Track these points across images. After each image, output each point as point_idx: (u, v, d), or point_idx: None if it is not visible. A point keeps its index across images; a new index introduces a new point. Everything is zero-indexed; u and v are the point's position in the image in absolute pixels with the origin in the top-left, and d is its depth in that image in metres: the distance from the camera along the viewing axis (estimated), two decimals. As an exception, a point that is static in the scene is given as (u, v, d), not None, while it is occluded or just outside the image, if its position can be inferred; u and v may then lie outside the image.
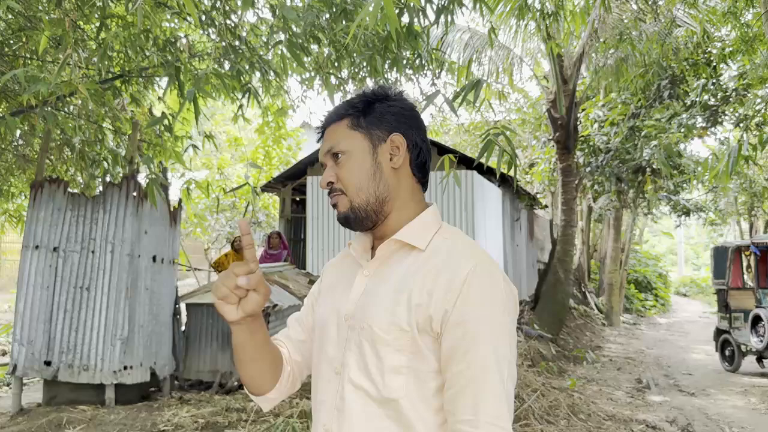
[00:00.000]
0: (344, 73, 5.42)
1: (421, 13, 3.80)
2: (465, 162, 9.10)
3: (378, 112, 1.22)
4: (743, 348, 9.44)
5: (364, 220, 1.20)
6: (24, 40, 6.83)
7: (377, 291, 1.17)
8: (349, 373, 1.15)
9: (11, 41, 6.74)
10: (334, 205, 1.23)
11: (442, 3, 3.93)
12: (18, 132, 8.02)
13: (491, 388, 1.05)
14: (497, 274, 1.12)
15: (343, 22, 4.00)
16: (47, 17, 5.11)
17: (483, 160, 3.13)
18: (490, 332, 1.07)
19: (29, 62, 6.79)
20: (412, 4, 3.49)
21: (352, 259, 1.28)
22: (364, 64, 5.41)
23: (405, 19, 4.23)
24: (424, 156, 1.25)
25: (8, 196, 9.87)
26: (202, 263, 15.45)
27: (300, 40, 3.87)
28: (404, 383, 1.10)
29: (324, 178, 1.23)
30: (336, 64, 4.79)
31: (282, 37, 4.12)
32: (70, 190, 5.92)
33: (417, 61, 5.11)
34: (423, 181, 1.27)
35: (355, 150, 1.20)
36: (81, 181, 8.16)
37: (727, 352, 9.91)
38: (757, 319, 9.05)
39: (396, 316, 1.11)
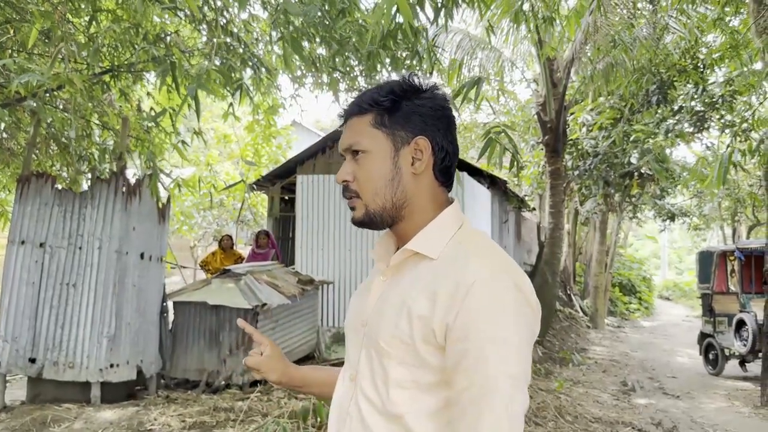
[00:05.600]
0: (339, 72, 5.40)
1: (420, 11, 3.78)
2: (455, 163, 9.10)
3: (404, 112, 1.14)
4: (727, 352, 9.55)
5: (380, 224, 1.17)
6: (11, 32, 6.73)
7: (388, 300, 1.12)
8: (362, 382, 1.13)
9: (-1, 31, 6.63)
10: (352, 208, 1.18)
11: (441, 1, 3.92)
12: (2, 125, 7.90)
13: (493, 413, 0.96)
14: (509, 284, 1.02)
15: (342, 20, 3.97)
16: (37, 9, 5.03)
17: (482, 160, 3.13)
18: (496, 349, 0.98)
19: (17, 54, 6.68)
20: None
21: None
22: (357, 62, 5.39)
23: (400, 18, 4.22)
24: (450, 159, 1.18)
25: (-8, 191, 9.71)
26: (188, 261, 15.33)
27: (299, 35, 3.84)
28: (408, 398, 1.06)
29: (341, 174, 1.17)
30: (335, 60, 4.76)
31: (280, 33, 4.08)
32: (57, 185, 5.83)
33: (411, 60, 5.10)
34: (447, 184, 1.20)
35: (375, 150, 1.14)
36: (66, 176, 8.05)
37: (710, 356, 10.02)
38: (741, 324, 9.16)
39: (398, 329, 1.06)
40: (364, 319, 1.17)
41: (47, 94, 6.32)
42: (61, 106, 7.48)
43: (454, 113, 1.24)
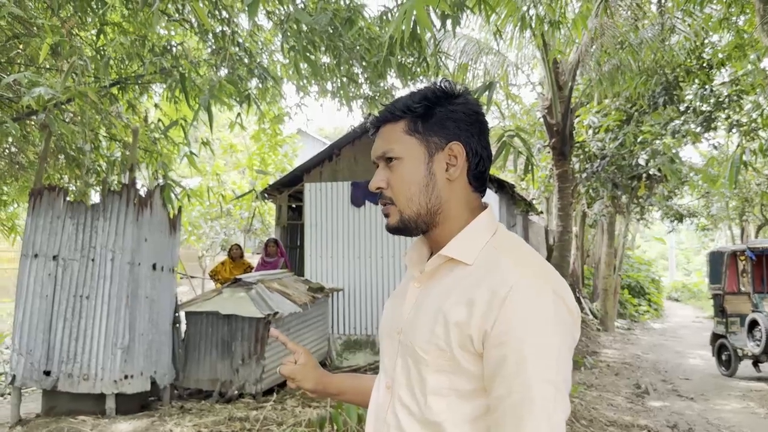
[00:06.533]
0: (345, 79, 5.41)
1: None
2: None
3: (438, 118, 1.13)
4: (740, 352, 9.48)
5: (414, 231, 1.16)
6: (21, 47, 6.78)
7: (423, 307, 1.12)
8: (398, 390, 1.12)
9: (6, 47, 6.69)
10: (386, 215, 1.17)
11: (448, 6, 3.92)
12: (10, 138, 7.95)
13: (534, 421, 0.95)
14: (546, 289, 1.02)
15: (351, 29, 3.99)
16: (47, 24, 5.07)
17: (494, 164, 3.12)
18: (536, 356, 0.97)
19: (26, 69, 6.73)
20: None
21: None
22: (362, 69, 5.41)
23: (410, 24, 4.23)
24: (484, 164, 1.16)
25: (0, 205, 9.76)
26: (196, 271, 15.36)
27: (307, 43, 3.85)
28: (446, 406, 1.05)
29: (374, 182, 1.16)
30: (340, 68, 4.78)
31: (289, 42, 4.10)
32: (68, 198, 5.86)
33: (417, 67, 5.11)
34: (480, 190, 1.19)
35: (409, 157, 1.13)
36: (74, 188, 8.09)
37: (723, 357, 9.94)
38: (753, 324, 9.09)
39: (434, 336, 1.05)
40: (399, 326, 1.16)
41: (56, 108, 6.36)
42: (68, 119, 7.52)
43: None
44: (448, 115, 1.14)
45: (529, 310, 0.99)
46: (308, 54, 3.94)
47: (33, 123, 7.92)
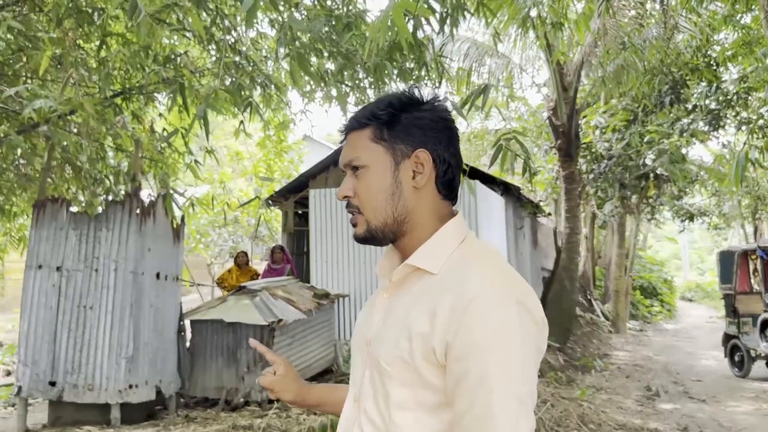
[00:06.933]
0: (346, 85, 5.40)
1: (425, 23, 3.77)
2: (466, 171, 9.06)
3: (404, 125, 1.11)
4: (753, 353, 9.35)
5: (382, 240, 1.14)
6: (25, 60, 6.83)
7: (390, 318, 1.09)
8: (365, 403, 1.09)
9: (11, 61, 6.74)
10: (353, 224, 1.15)
11: (446, 11, 3.91)
12: (19, 151, 8.01)
13: None
14: (510, 299, 0.98)
15: (348, 34, 3.98)
16: (48, 36, 5.10)
17: (495, 167, 3.10)
18: (499, 368, 0.94)
19: (30, 82, 6.78)
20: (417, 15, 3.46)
21: None
22: (365, 75, 5.39)
23: (409, 27, 4.20)
24: (453, 172, 1.13)
25: (9, 216, 9.82)
26: (205, 279, 15.40)
27: (305, 50, 3.85)
28: (412, 420, 1.02)
29: (341, 190, 1.14)
30: (343, 74, 4.77)
31: (286, 49, 4.09)
32: (72, 209, 5.89)
33: (419, 72, 5.09)
34: (450, 197, 1.15)
35: (375, 165, 1.10)
36: (82, 199, 8.13)
37: (736, 358, 9.81)
38: (766, 324, 8.97)
39: (399, 348, 1.02)
40: (368, 337, 1.13)
41: (60, 119, 6.40)
42: (75, 130, 7.57)
43: (462, 121, 1.22)
44: (413, 122, 1.11)
45: (491, 320, 0.96)
46: (306, 61, 3.93)
47: (39, 135, 7.97)
